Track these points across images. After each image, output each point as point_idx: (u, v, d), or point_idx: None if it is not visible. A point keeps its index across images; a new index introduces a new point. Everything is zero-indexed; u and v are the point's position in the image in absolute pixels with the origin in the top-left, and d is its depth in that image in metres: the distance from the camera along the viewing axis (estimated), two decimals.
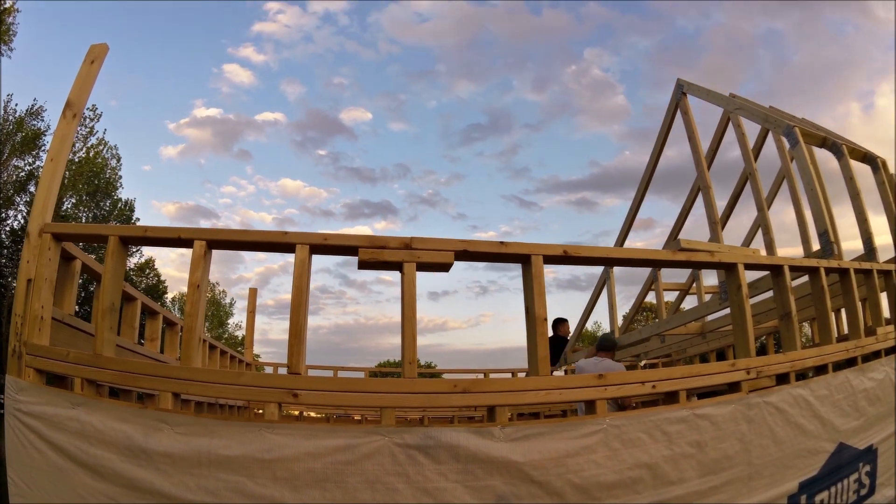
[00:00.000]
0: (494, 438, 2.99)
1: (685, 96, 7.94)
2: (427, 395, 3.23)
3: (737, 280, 3.87)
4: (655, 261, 4.92)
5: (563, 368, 9.84)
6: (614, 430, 3.19)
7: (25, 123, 27.56)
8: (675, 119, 8.20)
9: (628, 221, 9.24)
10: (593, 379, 3.39)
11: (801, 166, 5.58)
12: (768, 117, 6.31)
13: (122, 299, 4.51)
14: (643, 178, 9.14)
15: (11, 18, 23.93)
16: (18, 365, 3.08)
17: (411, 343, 3.18)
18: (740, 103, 7.12)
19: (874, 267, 4.87)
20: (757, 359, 3.79)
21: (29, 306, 3.15)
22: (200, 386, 3.10)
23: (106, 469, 2.86)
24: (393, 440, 2.91)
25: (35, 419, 2.96)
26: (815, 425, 3.81)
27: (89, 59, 3.66)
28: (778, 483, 3.58)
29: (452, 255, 3.31)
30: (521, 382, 3.62)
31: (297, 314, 3.13)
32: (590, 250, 3.64)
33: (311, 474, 2.83)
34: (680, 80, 8.02)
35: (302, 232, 3.30)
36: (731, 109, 7.27)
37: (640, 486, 3.19)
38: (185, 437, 2.88)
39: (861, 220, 5.46)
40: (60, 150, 3.49)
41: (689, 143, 7.83)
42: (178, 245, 3.33)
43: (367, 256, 3.21)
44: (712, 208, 7.44)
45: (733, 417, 3.50)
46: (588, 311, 9.76)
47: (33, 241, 3.22)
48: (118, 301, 3.41)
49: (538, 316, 3.35)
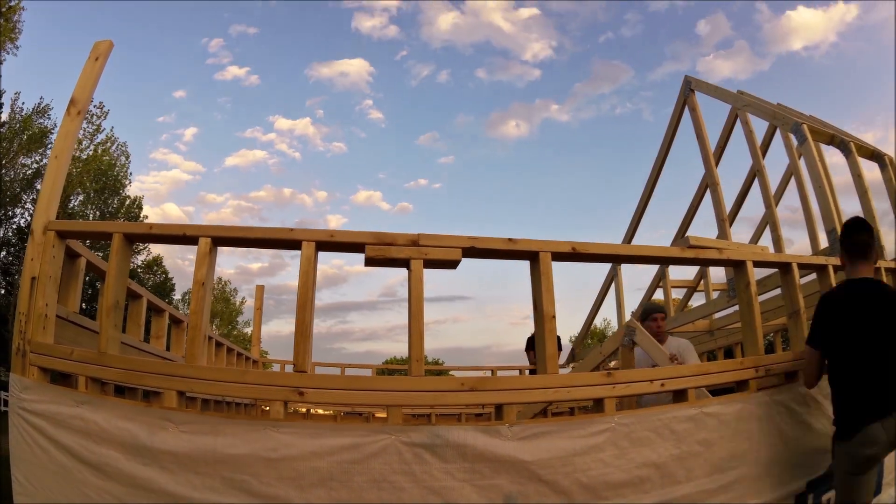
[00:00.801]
0: (502, 437, 2.97)
1: (693, 93, 7.92)
2: (434, 394, 3.21)
3: (745, 277, 3.84)
4: (664, 258, 4.90)
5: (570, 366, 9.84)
6: (622, 429, 3.16)
7: (32, 121, 27.67)
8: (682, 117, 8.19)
9: (635, 220, 9.23)
10: (602, 377, 3.36)
11: (809, 163, 5.54)
12: (776, 114, 6.28)
13: (128, 297, 4.51)
14: (650, 177, 9.12)
15: (17, 17, 24.00)
16: (22, 363, 3.07)
17: (418, 341, 3.16)
18: (749, 100, 7.08)
19: (881, 265, 4.82)
20: (765, 357, 3.76)
21: (33, 304, 3.14)
22: (205, 384, 3.10)
23: (110, 467, 2.85)
24: (400, 439, 2.89)
25: (39, 417, 2.96)
26: (824, 424, 3.77)
27: (93, 56, 3.65)
28: (786, 482, 3.55)
29: (460, 251, 3.28)
30: (529, 380, 3.60)
31: (303, 312, 3.11)
32: (598, 247, 3.61)
33: (317, 473, 2.82)
34: (687, 77, 8.00)
35: (308, 229, 3.30)
36: (739, 106, 7.24)
37: (648, 485, 3.16)
38: (190, 436, 2.86)
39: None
40: (65, 148, 3.48)
41: (697, 140, 7.82)
42: (184, 242, 3.32)
43: (374, 253, 3.19)
44: (720, 205, 7.42)
45: (742, 416, 3.47)
46: (596, 307, 9.74)
47: (37, 239, 3.21)
48: (123, 299, 3.40)
49: (546, 313, 3.32)
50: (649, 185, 9.16)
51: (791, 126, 5.71)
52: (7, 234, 27.94)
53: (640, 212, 9.28)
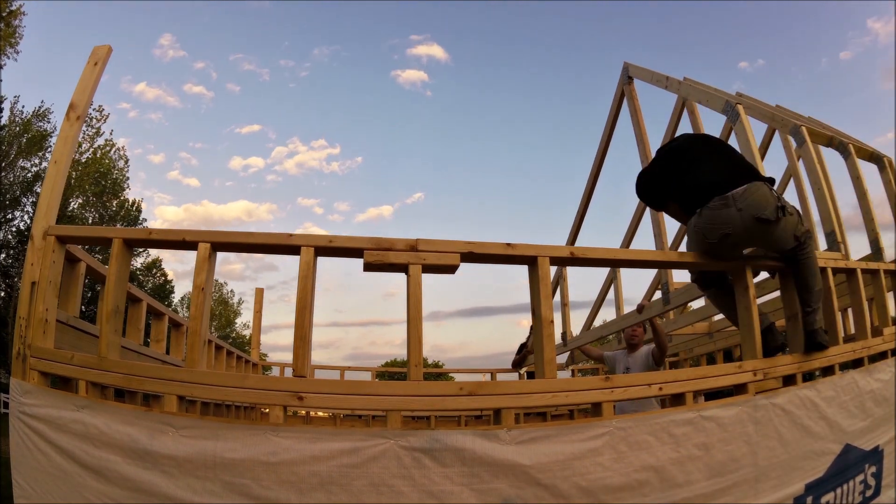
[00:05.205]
0: (500, 441, 2.98)
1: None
2: (433, 398, 3.22)
3: (744, 281, 3.85)
4: (662, 262, 4.90)
5: (569, 368, 9.85)
6: (620, 433, 3.17)
7: (32, 125, 27.72)
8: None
9: (632, 227, 9.20)
10: (600, 381, 3.37)
11: (808, 166, 5.54)
12: (775, 116, 6.27)
13: (128, 301, 4.52)
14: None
15: (18, 21, 24.04)
16: (23, 367, 3.08)
17: (417, 346, 3.17)
18: (747, 102, 7.08)
19: (881, 267, 4.84)
20: (764, 360, 3.76)
21: (33, 309, 3.15)
22: (205, 388, 3.10)
23: (111, 472, 2.85)
24: (398, 443, 2.90)
25: (39, 422, 2.96)
26: (822, 427, 3.78)
27: (92, 61, 3.66)
28: (784, 485, 3.56)
29: (458, 256, 3.29)
30: (527, 385, 3.60)
31: (302, 317, 3.12)
32: (596, 252, 3.62)
33: (317, 477, 2.83)
34: (686, 80, 7.99)
35: (307, 234, 3.30)
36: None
37: (647, 488, 3.17)
38: (190, 440, 2.87)
39: (868, 219, 5.43)
40: (64, 153, 3.48)
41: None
42: (183, 247, 3.32)
43: (373, 258, 3.20)
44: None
45: (740, 419, 3.48)
46: (595, 310, 9.72)
47: (37, 244, 3.22)
48: (123, 303, 3.41)
49: (545, 318, 3.33)
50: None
51: (790, 128, 5.71)
52: (7, 236, 27.97)
53: (636, 220, 9.22)
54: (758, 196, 3.71)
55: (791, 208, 3.82)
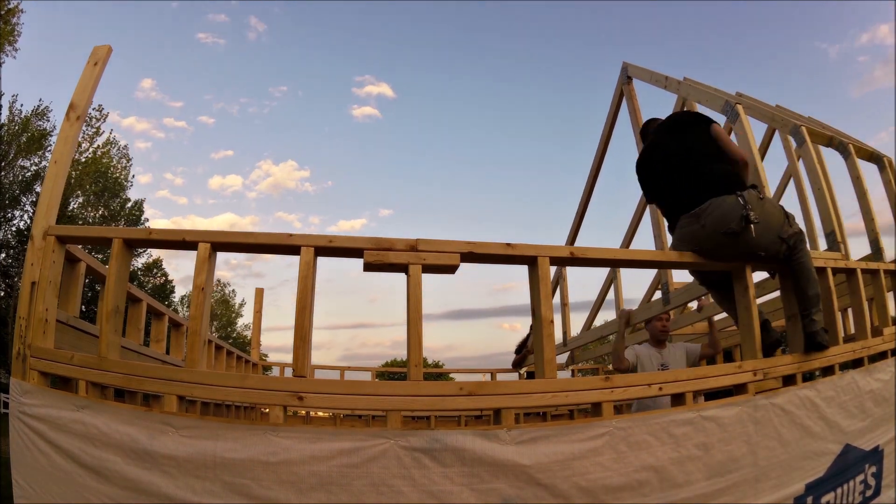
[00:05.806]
0: (500, 441, 2.98)
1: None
2: (433, 399, 3.22)
3: (744, 281, 3.85)
4: (662, 262, 4.90)
5: (569, 368, 9.84)
6: (620, 433, 3.17)
7: (31, 124, 27.71)
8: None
9: (632, 227, 9.20)
10: (600, 381, 3.37)
11: (808, 166, 5.53)
12: (775, 116, 6.26)
13: (128, 301, 4.52)
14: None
15: (16, 19, 24.03)
16: (23, 367, 3.08)
17: (417, 346, 3.17)
18: (747, 102, 7.07)
19: (881, 267, 4.84)
20: (763, 360, 3.76)
21: (33, 309, 3.15)
22: (205, 388, 3.10)
23: (111, 472, 2.85)
24: (398, 443, 2.90)
25: (39, 422, 2.96)
26: (822, 427, 3.78)
27: (92, 60, 3.66)
28: (784, 485, 3.56)
29: (458, 256, 3.29)
30: (527, 385, 3.60)
31: (301, 317, 3.12)
32: (596, 252, 3.62)
33: (316, 477, 2.82)
34: (686, 80, 7.98)
35: (307, 234, 3.29)
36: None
37: (647, 488, 3.17)
38: (190, 440, 2.87)
39: (868, 219, 5.43)
40: (64, 153, 3.48)
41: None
42: (183, 247, 3.32)
43: (373, 258, 3.20)
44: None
45: (740, 419, 3.48)
46: (595, 310, 9.72)
47: (37, 244, 3.22)
48: (123, 304, 3.41)
49: (545, 318, 3.33)
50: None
51: (790, 128, 5.70)
52: (6, 236, 27.96)
53: (635, 221, 9.21)
54: (721, 210, 3.76)
55: (773, 209, 3.87)
